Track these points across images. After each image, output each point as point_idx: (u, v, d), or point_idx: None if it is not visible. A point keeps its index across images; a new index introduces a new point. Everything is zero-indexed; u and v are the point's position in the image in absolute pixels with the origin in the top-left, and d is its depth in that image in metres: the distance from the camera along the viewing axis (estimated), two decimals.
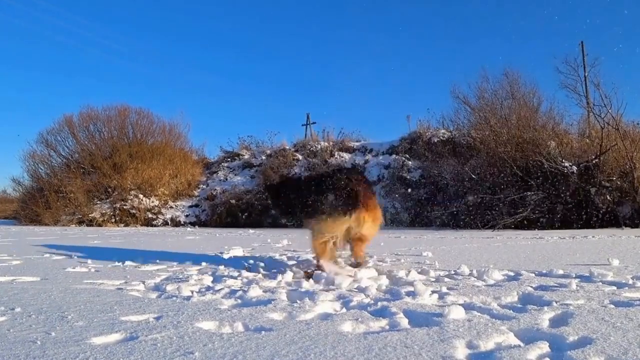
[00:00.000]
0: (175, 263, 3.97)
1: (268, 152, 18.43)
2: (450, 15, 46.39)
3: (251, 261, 4.00)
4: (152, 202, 17.22)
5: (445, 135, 14.97)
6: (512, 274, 3.06)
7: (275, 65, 53.43)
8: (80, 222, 16.68)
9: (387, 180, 14.97)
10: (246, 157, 19.07)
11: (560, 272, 3.05)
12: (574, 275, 2.93)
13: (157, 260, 4.11)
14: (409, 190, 13.97)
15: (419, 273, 3.12)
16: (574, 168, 10.65)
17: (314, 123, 21.29)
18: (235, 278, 3.03)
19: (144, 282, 2.88)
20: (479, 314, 1.91)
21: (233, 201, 15.91)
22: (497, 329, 1.65)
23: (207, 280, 2.96)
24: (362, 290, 2.52)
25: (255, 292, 2.42)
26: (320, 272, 2.95)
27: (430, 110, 19.57)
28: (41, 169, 19.39)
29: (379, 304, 2.14)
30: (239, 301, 2.28)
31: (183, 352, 1.43)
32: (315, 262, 3.35)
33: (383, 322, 1.81)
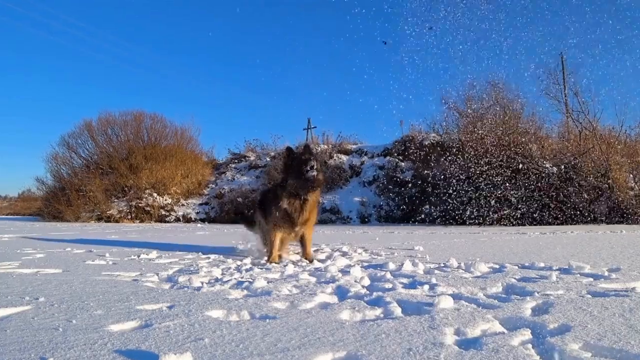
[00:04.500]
0: (186, 257, 3.97)
1: (272, 154, 18.40)
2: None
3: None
4: (165, 200, 17.20)
5: (436, 139, 14.93)
6: (497, 266, 3.06)
7: (280, 74, 53.37)
8: (99, 219, 16.66)
9: (382, 180, 14.97)
10: (252, 158, 19.04)
11: (542, 264, 3.05)
12: (554, 268, 2.93)
13: (170, 254, 4.11)
14: (402, 189, 13.96)
15: (411, 265, 3.12)
16: (554, 169, 10.65)
17: (314, 127, 21.29)
18: (242, 271, 3.03)
19: (157, 274, 2.88)
20: (467, 303, 1.91)
21: (240, 199, 15.90)
22: (483, 317, 1.65)
23: (216, 272, 2.96)
24: (358, 281, 2.52)
25: (260, 284, 2.42)
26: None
27: (422, 115, 19.57)
28: (63, 169, 19.39)
29: (374, 294, 2.14)
30: (246, 292, 2.28)
31: (194, 339, 1.43)
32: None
33: (378, 311, 1.80)
